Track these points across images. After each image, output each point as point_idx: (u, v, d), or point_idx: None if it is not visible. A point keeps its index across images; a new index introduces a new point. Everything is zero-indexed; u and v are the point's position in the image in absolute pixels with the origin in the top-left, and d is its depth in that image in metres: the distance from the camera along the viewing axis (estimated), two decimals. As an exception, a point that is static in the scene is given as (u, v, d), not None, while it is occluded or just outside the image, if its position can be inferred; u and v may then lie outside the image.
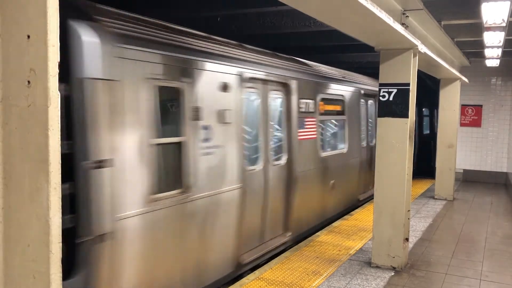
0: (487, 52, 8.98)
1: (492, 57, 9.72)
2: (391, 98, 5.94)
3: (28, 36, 1.75)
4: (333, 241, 7.22)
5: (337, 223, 8.38)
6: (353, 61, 13.26)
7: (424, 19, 6.43)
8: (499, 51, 8.84)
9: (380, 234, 6.09)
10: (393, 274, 5.88)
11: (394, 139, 5.94)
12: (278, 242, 6.68)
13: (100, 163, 3.72)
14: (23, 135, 1.79)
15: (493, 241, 7.63)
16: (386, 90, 5.97)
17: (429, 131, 15.48)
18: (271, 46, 8.06)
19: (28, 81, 1.76)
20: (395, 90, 5.92)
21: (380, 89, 6.02)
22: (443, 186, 11.17)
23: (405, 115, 5.90)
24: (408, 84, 5.89)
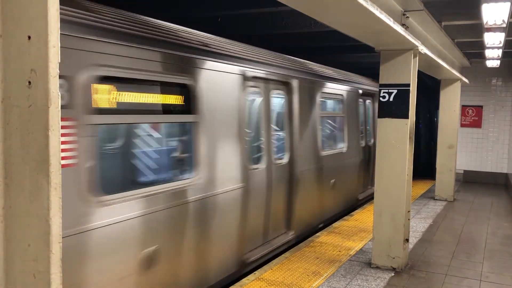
0: (488, 53, 8.99)
1: (493, 58, 9.72)
2: (391, 99, 5.94)
3: (29, 37, 1.75)
4: (333, 242, 7.22)
5: (337, 224, 8.37)
6: (354, 62, 13.27)
7: (425, 20, 6.43)
8: (500, 52, 8.85)
9: (380, 235, 6.09)
10: (393, 275, 5.89)
11: (394, 140, 5.95)
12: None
13: None
14: (24, 136, 1.79)
15: (494, 242, 7.63)
16: (387, 91, 5.98)
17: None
18: (271, 46, 8.07)
19: (29, 82, 1.76)
20: (395, 91, 5.92)
21: (381, 90, 6.02)
22: (444, 187, 11.16)
23: (405, 116, 5.90)
24: (409, 85, 5.89)
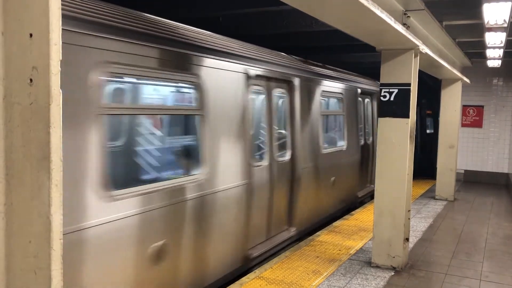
0: (489, 53, 8.98)
1: (494, 58, 9.71)
2: (392, 98, 5.95)
3: (31, 35, 1.75)
4: (334, 241, 7.23)
5: (338, 223, 8.38)
6: (354, 61, 13.26)
7: (426, 20, 6.44)
8: (501, 52, 8.84)
9: (381, 234, 6.10)
10: (393, 274, 5.89)
11: (395, 139, 5.96)
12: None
13: None
14: (25, 133, 1.79)
15: (494, 242, 7.63)
16: (387, 90, 5.98)
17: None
18: (272, 46, 8.07)
19: (31, 79, 1.76)
20: (396, 90, 5.93)
21: (381, 89, 6.03)
22: (444, 187, 11.16)
23: (406, 115, 5.91)
24: (409, 84, 5.89)
